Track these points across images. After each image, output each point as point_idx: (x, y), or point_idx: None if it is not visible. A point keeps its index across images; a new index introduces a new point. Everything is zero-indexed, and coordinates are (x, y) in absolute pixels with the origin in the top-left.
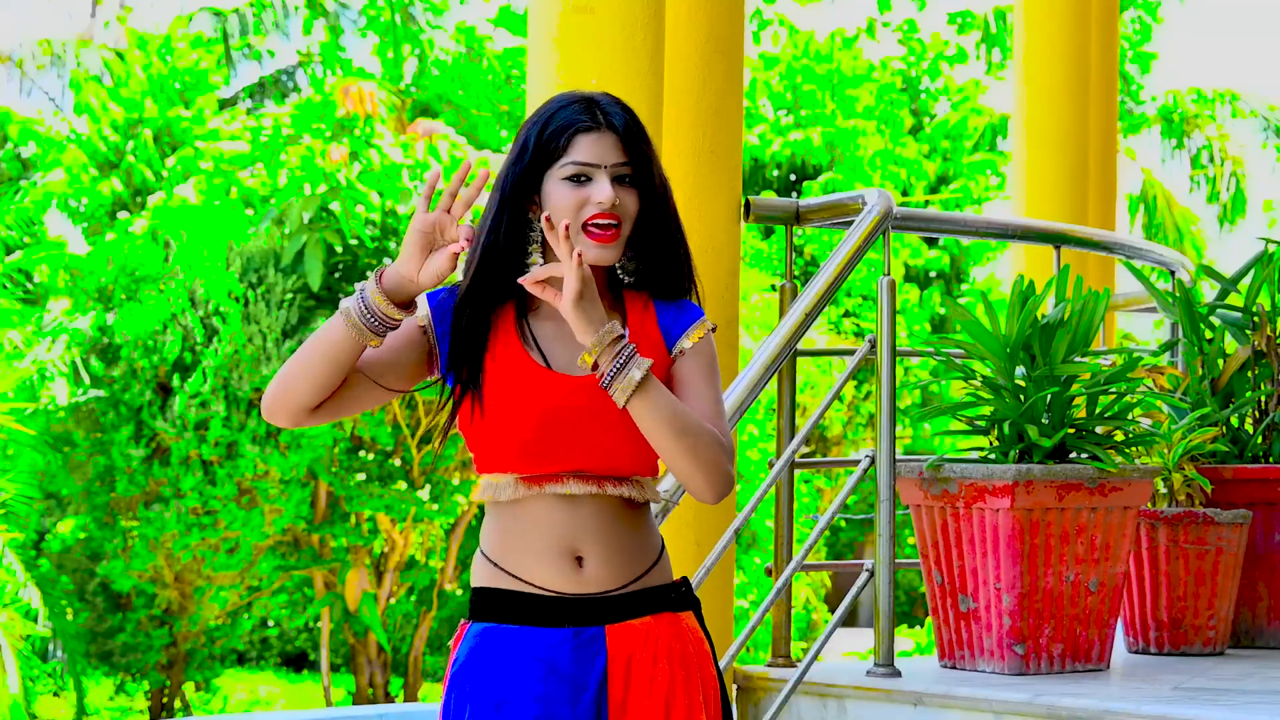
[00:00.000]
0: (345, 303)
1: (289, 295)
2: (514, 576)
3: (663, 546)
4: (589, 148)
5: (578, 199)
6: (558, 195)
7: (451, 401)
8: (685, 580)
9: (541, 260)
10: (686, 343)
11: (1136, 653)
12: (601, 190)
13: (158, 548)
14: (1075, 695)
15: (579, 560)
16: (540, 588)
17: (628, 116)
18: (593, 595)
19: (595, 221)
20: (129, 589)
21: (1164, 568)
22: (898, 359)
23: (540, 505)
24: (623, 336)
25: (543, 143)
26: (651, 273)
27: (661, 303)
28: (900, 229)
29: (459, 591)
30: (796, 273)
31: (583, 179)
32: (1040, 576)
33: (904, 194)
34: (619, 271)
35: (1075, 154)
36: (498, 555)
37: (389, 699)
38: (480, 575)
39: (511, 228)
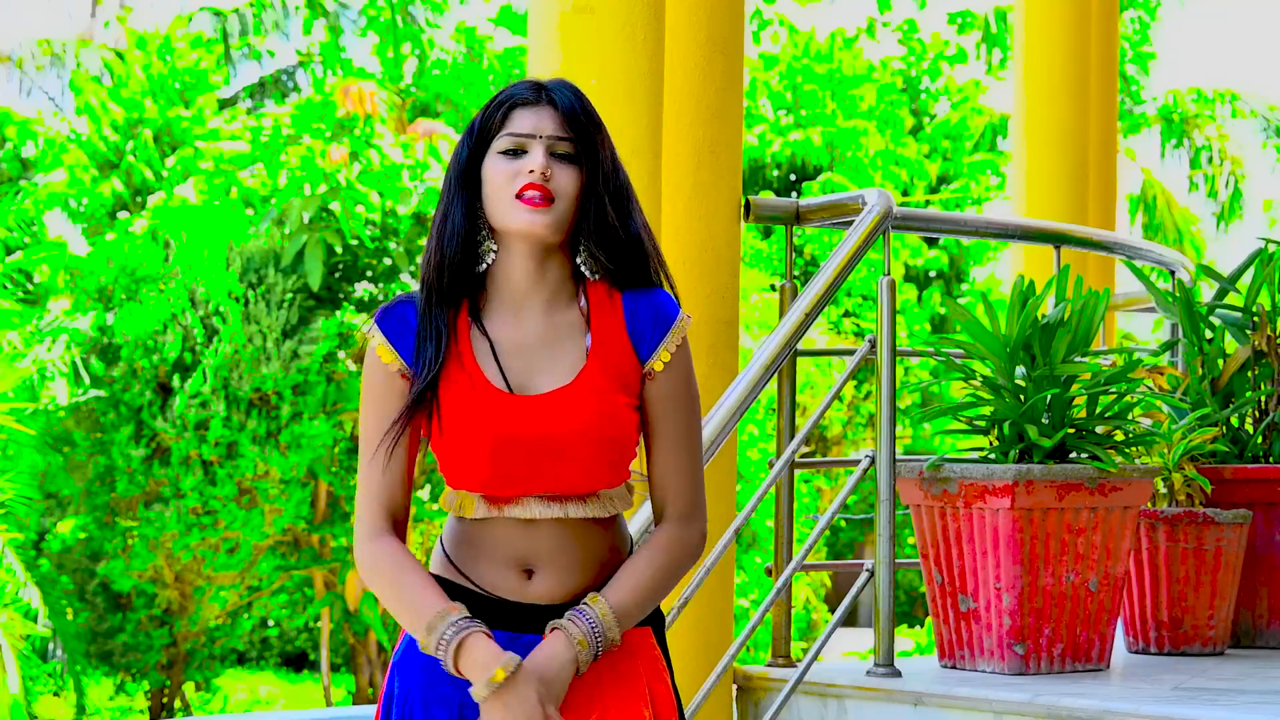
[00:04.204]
0: (431, 625)
1: (289, 295)
2: (465, 576)
3: (627, 557)
4: (525, 119)
5: (511, 171)
6: (492, 170)
7: (413, 405)
8: None
9: (494, 246)
10: (658, 363)
11: (1136, 653)
12: (533, 159)
13: (158, 548)
14: (1075, 695)
15: (529, 573)
16: (487, 591)
17: (576, 100)
18: (535, 605)
19: (526, 191)
20: (129, 589)
21: (1164, 568)
22: (898, 359)
23: (500, 525)
24: (578, 653)
25: (484, 119)
26: (615, 271)
27: (630, 294)
28: (900, 229)
29: None
30: (796, 273)
31: (518, 152)
32: (1040, 576)
33: (904, 194)
34: (581, 266)
35: (1075, 154)
36: (454, 554)
37: None
38: (435, 565)
39: (464, 212)
